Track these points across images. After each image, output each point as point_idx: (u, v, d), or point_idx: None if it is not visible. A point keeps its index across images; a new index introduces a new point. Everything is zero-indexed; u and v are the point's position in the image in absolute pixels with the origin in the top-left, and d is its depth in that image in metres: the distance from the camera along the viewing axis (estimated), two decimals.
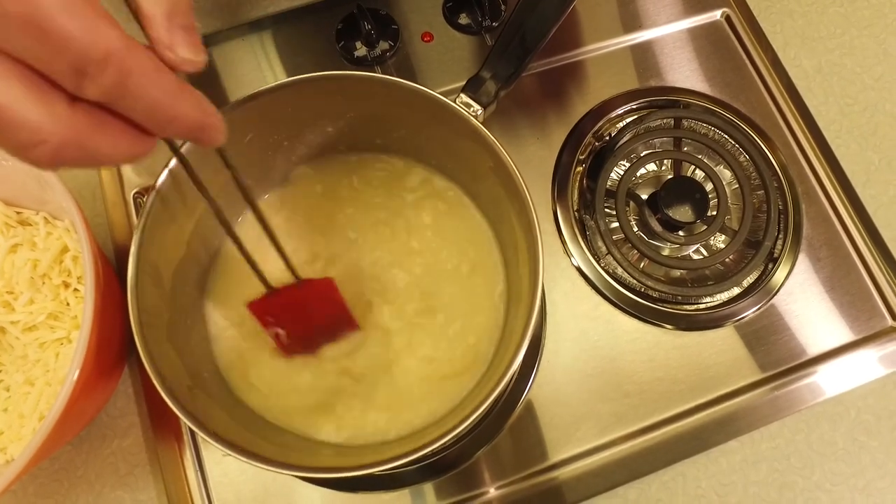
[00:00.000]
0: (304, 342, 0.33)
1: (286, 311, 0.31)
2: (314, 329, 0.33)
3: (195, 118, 0.18)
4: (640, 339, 0.39)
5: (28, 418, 0.35)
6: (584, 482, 0.37)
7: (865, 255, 0.42)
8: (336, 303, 0.33)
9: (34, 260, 0.36)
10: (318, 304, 0.32)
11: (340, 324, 0.34)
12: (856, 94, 0.47)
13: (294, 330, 0.32)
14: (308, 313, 0.31)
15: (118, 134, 0.17)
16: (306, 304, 0.31)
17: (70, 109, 0.16)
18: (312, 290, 0.31)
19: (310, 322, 0.32)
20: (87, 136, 0.16)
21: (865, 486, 0.38)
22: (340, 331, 0.34)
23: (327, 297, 0.32)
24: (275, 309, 0.31)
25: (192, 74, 0.19)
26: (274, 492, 0.36)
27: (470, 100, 0.31)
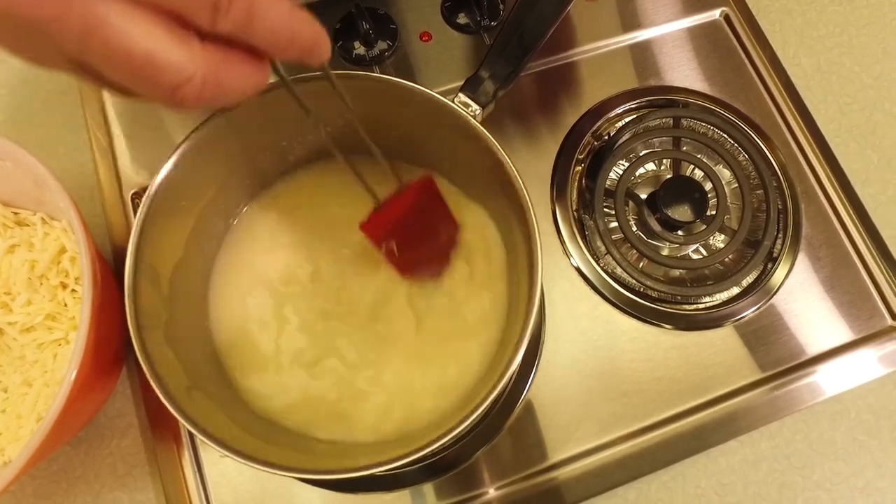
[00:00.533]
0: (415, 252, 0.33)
1: (395, 220, 0.30)
2: (422, 231, 0.32)
3: (310, 36, 0.20)
4: (640, 338, 0.39)
5: (26, 419, 0.35)
6: (584, 482, 0.37)
7: (865, 254, 0.42)
8: (436, 197, 0.32)
9: (32, 261, 0.36)
10: (423, 205, 0.31)
11: (444, 221, 0.34)
12: (855, 93, 0.47)
13: (405, 239, 0.31)
14: (415, 217, 0.31)
15: (243, 65, 0.19)
16: (411, 207, 0.30)
17: (203, 47, 0.17)
18: (416, 190, 0.31)
19: (418, 226, 0.32)
20: (222, 70, 0.18)
21: (865, 486, 0.38)
22: (445, 231, 0.34)
23: (430, 194, 0.32)
24: (384, 221, 0.30)
25: None
26: (272, 492, 0.36)
27: (468, 99, 0.31)
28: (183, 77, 0.17)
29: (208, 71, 0.18)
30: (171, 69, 0.17)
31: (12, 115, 0.44)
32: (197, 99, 0.18)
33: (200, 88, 0.18)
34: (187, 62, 0.17)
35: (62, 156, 0.44)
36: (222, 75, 0.18)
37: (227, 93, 0.19)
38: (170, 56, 0.17)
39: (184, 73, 0.17)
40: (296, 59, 0.20)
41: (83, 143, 0.44)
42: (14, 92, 0.45)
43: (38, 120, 0.45)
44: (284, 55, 0.20)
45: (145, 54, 0.16)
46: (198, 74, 0.17)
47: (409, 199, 0.30)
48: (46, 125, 0.45)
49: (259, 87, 0.20)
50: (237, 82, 0.19)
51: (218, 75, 0.18)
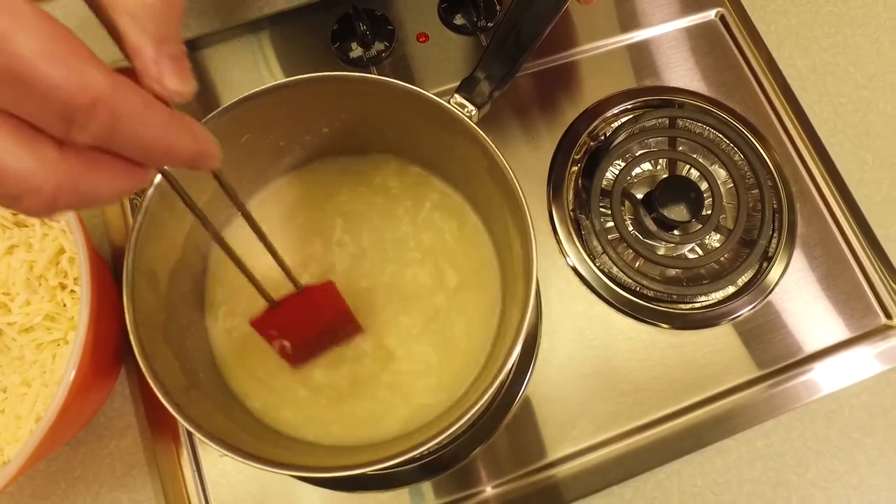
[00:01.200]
0: (309, 350, 0.33)
1: (289, 321, 0.30)
2: (318, 336, 0.32)
3: (190, 148, 0.18)
4: (636, 338, 0.40)
5: (25, 419, 0.35)
6: (581, 481, 0.37)
7: (859, 253, 0.42)
8: (339, 306, 0.32)
9: (30, 261, 0.36)
10: (321, 310, 0.31)
11: (345, 327, 0.33)
12: (849, 93, 0.47)
13: (298, 339, 0.31)
14: (311, 320, 0.31)
15: (113, 171, 0.17)
16: (309, 311, 0.31)
17: (61, 154, 0.16)
18: (315, 296, 0.31)
19: (313, 329, 0.32)
20: (81, 178, 0.16)
21: (859, 484, 0.38)
22: (345, 334, 0.34)
23: (330, 301, 0.32)
24: (278, 321, 0.30)
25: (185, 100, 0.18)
26: (271, 492, 0.36)
27: (464, 100, 0.31)
28: (26, 188, 0.15)
29: (63, 180, 0.16)
30: (13, 179, 0.15)
31: None
32: (46, 208, 0.16)
33: (51, 198, 0.16)
34: (35, 172, 0.15)
35: None
36: (82, 184, 0.16)
37: (91, 200, 0.17)
38: (14, 165, 0.15)
39: (28, 183, 0.15)
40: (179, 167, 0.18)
41: None
42: None
43: None
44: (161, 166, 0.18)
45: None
46: (48, 185, 0.15)
47: (305, 302, 0.30)
48: None
49: (136, 188, 0.18)
50: (104, 189, 0.17)
51: (77, 184, 0.16)
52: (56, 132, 0.15)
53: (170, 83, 0.18)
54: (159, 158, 0.17)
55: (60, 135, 0.15)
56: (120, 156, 0.17)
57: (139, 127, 0.16)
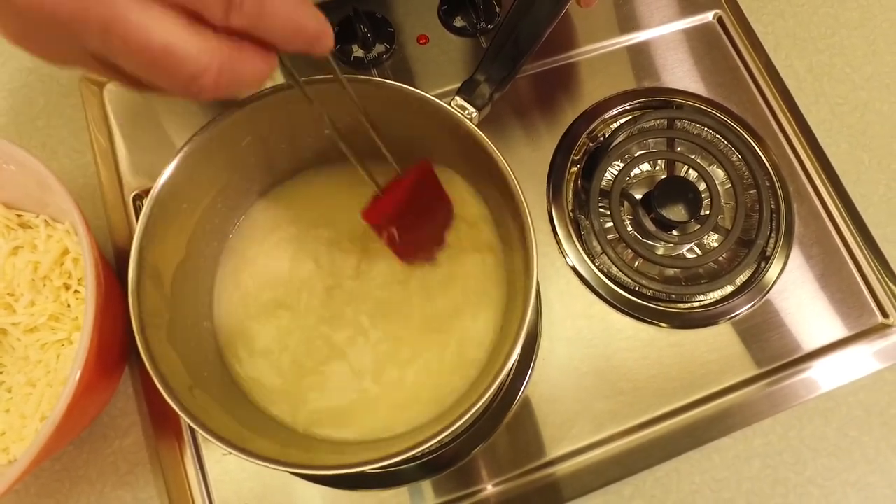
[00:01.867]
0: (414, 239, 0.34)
1: (395, 206, 0.31)
2: (420, 214, 0.33)
3: (314, 29, 0.21)
4: (635, 337, 0.40)
5: (30, 419, 0.35)
6: (580, 479, 0.37)
7: (856, 252, 0.42)
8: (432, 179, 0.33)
9: (35, 262, 0.37)
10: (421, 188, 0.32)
11: (440, 202, 0.34)
12: (846, 94, 0.47)
13: (403, 221, 0.32)
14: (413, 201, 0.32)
15: (254, 56, 0.20)
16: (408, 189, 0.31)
17: (218, 39, 0.18)
18: (412, 174, 0.31)
19: (416, 210, 0.32)
20: (235, 60, 0.19)
21: (857, 481, 0.38)
22: (441, 211, 0.35)
23: (427, 176, 0.32)
24: (385, 208, 0.31)
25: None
26: (273, 489, 0.36)
27: (465, 102, 0.31)
28: (200, 67, 0.18)
29: (223, 62, 0.19)
30: (189, 61, 0.18)
31: (14, 119, 0.45)
32: (214, 88, 0.19)
33: (216, 78, 0.19)
34: (204, 53, 0.18)
35: (64, 158, 0.44)
36: (236, 66, 0.19)
37: (240, 82, 0.20)
38: (187, 48, 0.18)
39: (201, 63, 0.18)
40: (302, 50, 0.21)
41: (85, 146, 0.44)
42: (16, 95, 0.45)
43: (40, 123, 0.45)
44: (291, 47, 0.21)
45: (164, 47, 0.17)
46: (213, 65, 0.18)
47: (408, 184, 0.31)
48: (48, 128, 0.45)
49: (267, 77, 0.21)
50: (249, 72, 0.20)
51: (232, 65, 0.19)
52: (217, 16, 0.18)
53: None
54: (292, 38, 0.20)
55: (220, 19, 0.18)
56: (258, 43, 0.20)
57: (279, 7, 0.19)
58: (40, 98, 0.46)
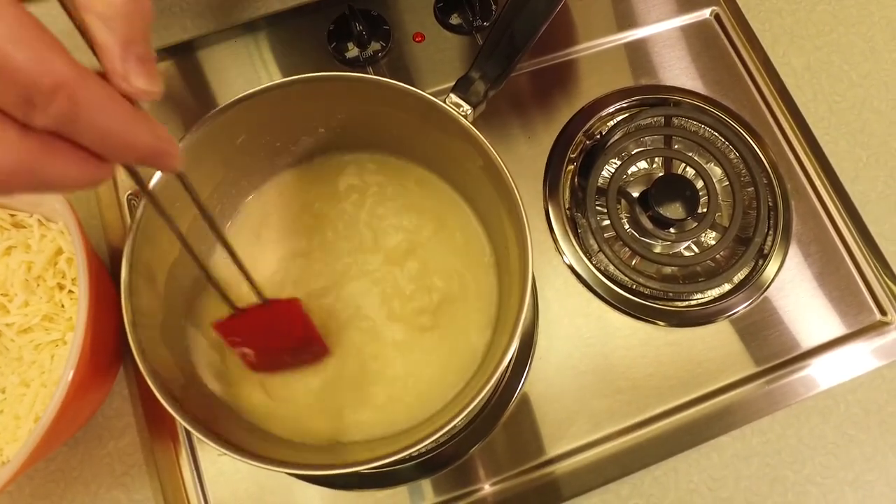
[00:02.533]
0: (272, 362, 0.33)
1: (252, 331, 0.30)
2: (281, 350, 0.32)
3: (150, 145, 0.18)
4: (632, 335, 0.40)
5: (24, 419, 0.35)
6: (578, 478, 0.37)
7: (854, 250, 0.42)
8: (304, 325, 0.32)
9: (28, 262, 0.36)
10: (285, 326, 0.31)
11: (309, 345, 0.33)
12: (844, 91, 0.47)
13: (261, 349, 0.31)
14: (274, 334, 0.31)
15: (72, 160, 0.17)
16: (272, 324, 0.30)
17: (21, 135, 0.16)
18: (278, 310, 0.30)
19: (276, 342, 0.31)
20: (38, 162, 0.16)
21: (855, 479, 0.38)
22: (310, 353, 0.33)
23: (294, 318, 0.31)
24: (241, 329, 0.30)
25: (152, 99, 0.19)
26: (270, 490, 0.36)
27: (459, 100, 0.31)
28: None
29: (20, 162, 0.16)
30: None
31: None
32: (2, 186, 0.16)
33: (6, 178, 0.16)
34: None
35: None
36: (40, 168, 0.16)
37: (46, 184, 0.17)
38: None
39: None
40: (138, 164, 0.19)
41: None
42: None
43: None
44: (120, 160, 0.18)
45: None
46: (4, 165, 0.16)
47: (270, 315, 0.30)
48: None
49: (95, 184, 0.18)
50: (59, 176, 0.17)
51: (33, 167, 0.16)
52: (17, 114, 0.16)
53: (136, 82, 0.18)
54: (118, 151, 0.18)
55: (20, 116, 0.16)
56: (80, 146, 0.17)
57: (99, 117, 0.16)
58: None
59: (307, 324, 0.32)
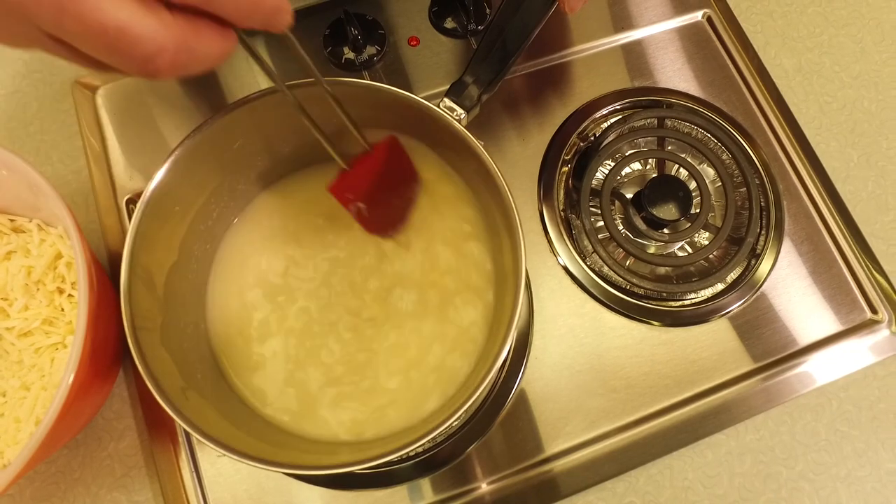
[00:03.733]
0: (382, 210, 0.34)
1: (361, 179, 0.31)
2: (388, 189, 0.33)
3: (271, 4, 0.20)
4: (627, 335, 0.40)
5: (24, 422, 0.35)
6: (574, 476, 0.38)
7: (845, 249, 0.43)
8: (402, 154, 0.33)
9: (28, 266, 0.37)
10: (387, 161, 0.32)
11: (409, 177, 0.35)
12: (835, 92, 0.48)
13: (372, 196, 0.32)
14: (381, 173, 0.32)
15: (211, 33, 0.19)
16: (377, 164, 0.32)
17: (174, 18, 0.18)
18: (380, 150, 0.32)
19: (384, 182, 0.33)
20: (191, 39, 0.19)
21: (847, 475, 0.39)
22: (409, 186, 0.35)
23: (394, 151, 0.33)
24: (351, 184, 0.31)
25: None
26: (269, 490, 0.37)
27: (453, 104, 0.32)
28: (156, 47, 0.18)
29: (179, 40, 0.18)
30: (145, 40, 0.17)
31: (6, 124, 0.45)
32: (170, 68, 0.18)
33: (173, 58, 0.18)
34: (159, 33, 0.18)
35: (57, 162, 0.44)
36: (192, 44, 0.19)
37: (197, 61, 0.19)
38: (143, 28, 0.17)
39: (156, 43, 0.18)
40: (260, 27, 0.20)
41: (77, 150, 0.44)
42: (8, 100, 0.46)
43: (33, 128, 0.45)
44: (248, 23, 0.20)
45: (119, 27, 0.17)
46: (170, 44, 0.18)
47: (374, 160, 0.31)
48: (41, 132, 0.45)
49: (225, 56, 0.20)
50: (206, 50, 0.19)
51: (188, 44, 0.19)
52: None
53: None
54: (248, 14, 0.20)
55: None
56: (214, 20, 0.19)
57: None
58: (33, 103, 0.46)
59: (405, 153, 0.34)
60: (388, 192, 0.33)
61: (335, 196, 0.32)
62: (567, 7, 0.31)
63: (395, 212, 0.35)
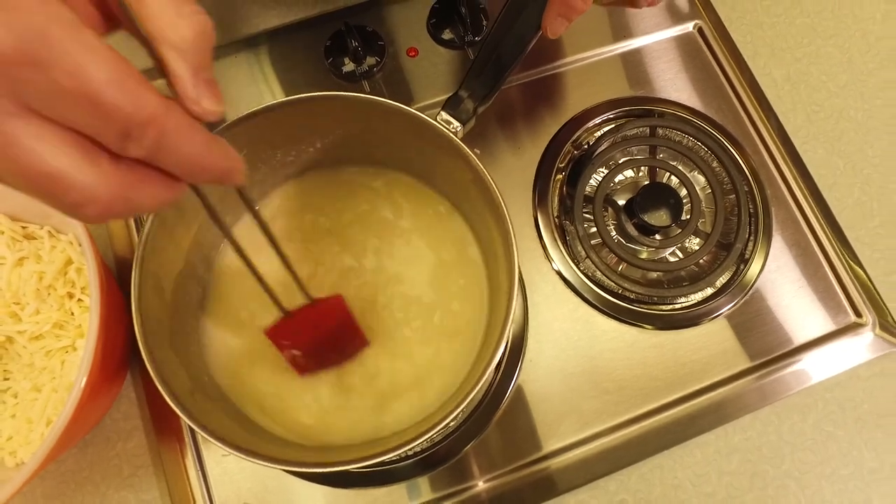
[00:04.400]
0: (318, 361, 0.35)
1: (300, 331, 0.32)
2: (327, 347, 0.34)
3: (223, 166, 0.20)
4: (619, 338, 0.41)
5: (36, 423, 0.37)
6: (568, 474, 0.39)
7: (831, 254, 0.44)
8: (347, 319, 0.34)
9: (40, 272, 0.38)
10: (330, 322, 0.33)
11: (352, 340, 0.35)
12: (822, 102, 0.49)
13: (308, 349, 0.33)
14: (321, 331, 0.33)
15: (156, 184, 0.19)
16: (319, 321, 0.33)
17: (115, 167, 0.18)
18: (324, 307, 0.33)
19: (323, 340, 0.34)
20: (129, 190, 0.19)
21: (831, 474, 0.40)
22: (352, 348, 0.36)
23: (338, 312, 0.34)
24: (290, 331, 0.32)
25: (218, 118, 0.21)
26: (272, 489, 0.38)
27: (450, 117, 0.33)
28: (87, 197, 0.17)
29: (115, 192, 0.18)
30: (77, 190, 0.17)
31: None
32: (100, 216, 0.18)
33: (105, 207, 0.18)
34: (94, 184, 0.17)
35: None
36: (131, 194, 0.19)
37: (134, 209, 0.19)
38: (77, 178, 0.17)
39: (88, 193, 0.17)
40: (211, 183, 0.21)
41: None
42: None
43: None
44: (197, 181, 0.21)
45: (53, 174, 0.17)
46: (103, 196, 0.18)
47: (318, 314, 0.33)
48: None
49: (172, 202, 0.20)
50: (146, 200, 0.19)
51: (125, 195, 0.18)
52: (113, 145, 0.18)
53: (206, 104, 0.20)
54: (197, 172, 0.20)
55: (117, 147, 0.18)
56: (161, 171, 0.19)
57: (183, 143, 0.19)
58: None
59: (350, 318, 0.34)
60: (326, 345, 0.34)
61: (271, 340, 0.33)
62: (550, 32, 0.32)
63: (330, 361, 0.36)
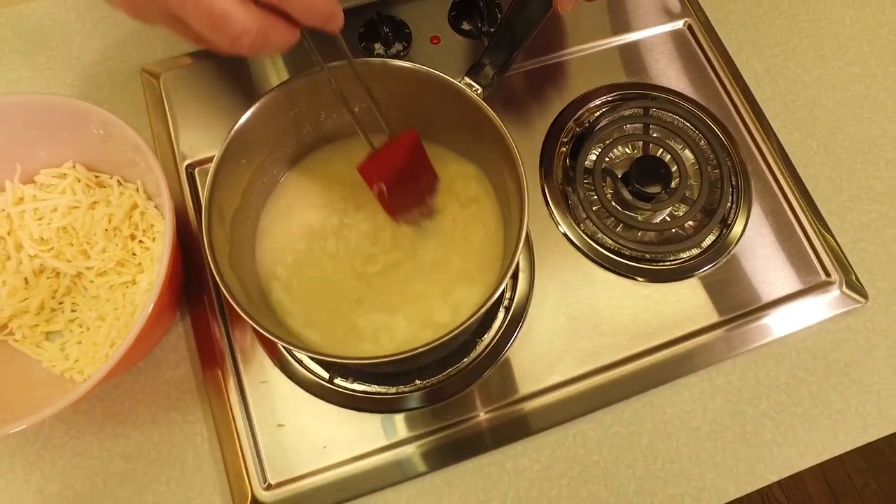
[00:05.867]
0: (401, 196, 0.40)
1: (384, 163, 0.38)
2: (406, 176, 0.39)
3: (328, 10, 0.27)
4: (615, 288, 0.47)
5: (101, 346, 0.42)
6: (566, 406, 0.44)
7: (804, 222, 0.49)
8: (418, 146, 0.39)
9: (109, 214, 0.43)
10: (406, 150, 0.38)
11: (426, 171, 0.40)
12: (798, 92, 0.55)
13: (390, 179, 0.38)
14: (400, 159, 0.38)
15: (282, 26, 0.26)
16: (397, 151, 0.38)
17: (259, 10, 0.25)
18: (401, 140, 0.38)
19: (402, 169, 0.38)
20: (268, 28, 0.26)
21: (803, 414, 0.45)
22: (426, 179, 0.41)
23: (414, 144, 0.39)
24: (376, 165, 0.38)
25: None
26: (303, 412, 0.43)
27: (472, 81, 0.39)
28: (243, 29, 0.25)
29: (260, 28, 0.25)
30: (237, 23, 0.24)
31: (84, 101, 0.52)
32: (251, 47, 0.25)
33: (254, 40, 0.25)
34: (248, 20, 0.25)
35: None
36: (268, 32, 0.26)
37: (270, 45, 0.26)
38: (237, 15, 0.24)
39: (245, 26, 0.25)
40: (318, 26, 0.28)
41: (143, 125, 0.51)
42: (86, 83, 0.53)
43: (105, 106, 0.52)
44: (310, 22, 0.27)
45: (221, 12, 0.24)
46: (253, 29, 0.25)
47: (398, 148, 0.38)
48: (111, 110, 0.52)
49: (289, 45, 0.27)
50: (277, 39, 0.26)
51: (266, 32, 0.25)
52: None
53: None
54: (309, 15, 0.27)
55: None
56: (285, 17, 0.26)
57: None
58: (106, 85, 0.53)
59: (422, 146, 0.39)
60: (407, 177, 0.39)
61: (362, 175, 0.38)
62: (559, 7, 0.38)
63: (412, 198, 0.41)
